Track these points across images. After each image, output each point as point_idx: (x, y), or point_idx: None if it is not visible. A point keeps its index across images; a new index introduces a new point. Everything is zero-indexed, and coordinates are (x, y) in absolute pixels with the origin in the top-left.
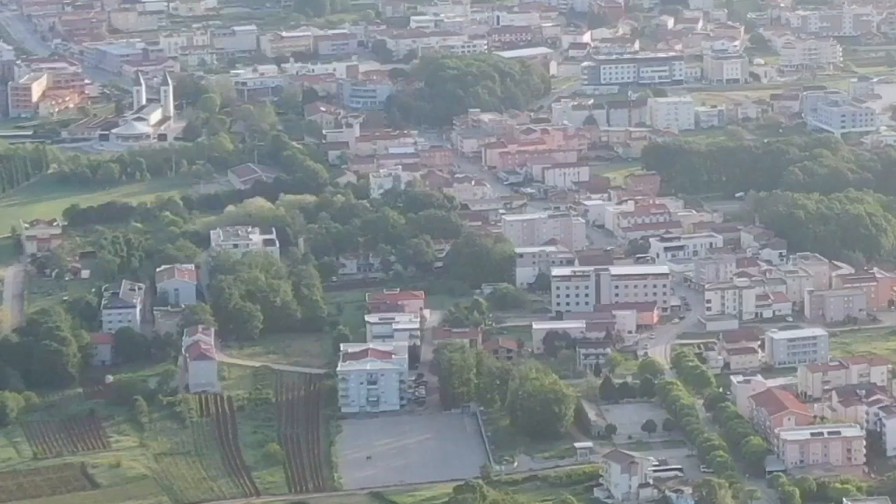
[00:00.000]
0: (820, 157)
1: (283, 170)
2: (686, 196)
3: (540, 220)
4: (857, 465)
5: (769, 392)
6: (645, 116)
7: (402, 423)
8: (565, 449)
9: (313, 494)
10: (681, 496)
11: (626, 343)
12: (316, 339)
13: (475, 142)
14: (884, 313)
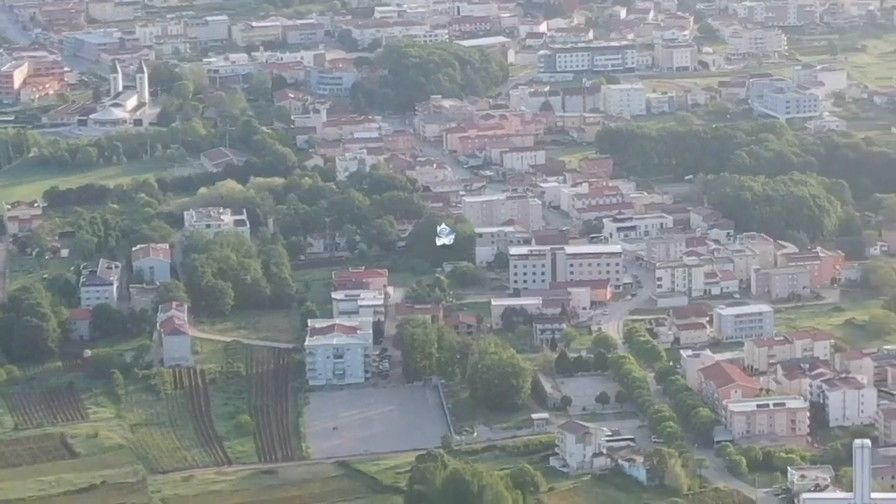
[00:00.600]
0: (765, 141)
1: (254, 153)
2: (638, 179)
3: (498, 201)
4: (801, 435)
5: (717, 366)
6: (598, 103)
7: (367, 395)
8: (522, 420)
9: (282, 463)
10: (633, 465)
11: (581, 319)
12: (284, 315)
13: (436, 127)
14: (826, 290)
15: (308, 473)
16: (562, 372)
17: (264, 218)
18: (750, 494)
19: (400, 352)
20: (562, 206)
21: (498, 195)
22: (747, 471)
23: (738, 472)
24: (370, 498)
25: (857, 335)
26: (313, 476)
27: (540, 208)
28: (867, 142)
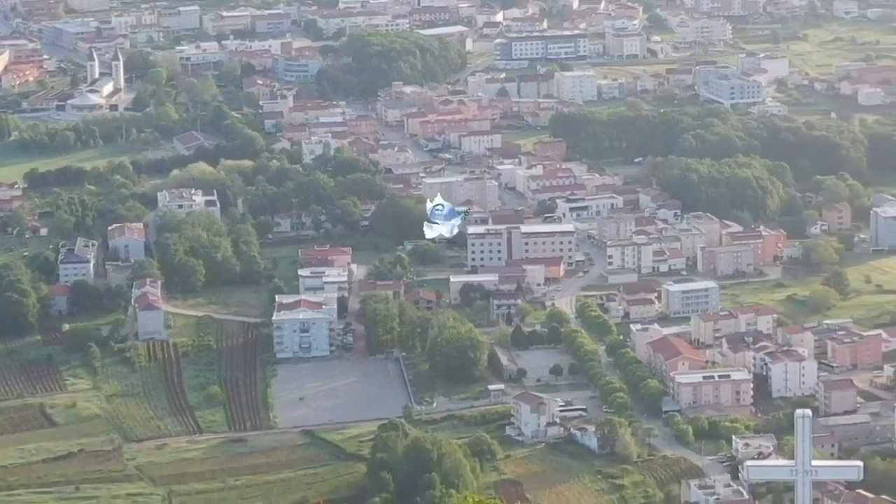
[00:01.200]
0: (711, 125)
1: (224, 137)
2: (589, 161)
3: (457, 182)
4: (744, 405)
5: (665, 339)
6: (552, 89)
7: (332, 367)
8: (480, 391)
9: (251, 432)
10: (585, 434)
11: (535, 294)
12: (253, 291)
13: (398, 112)
14: (769, 267)
15: (275, 442)
16: (517, 345)
17: (234, 198)
18: (696, 462)
19: (363, 326)
20: (517, 187)
21: (456, 177)
22: (694, 439)
23: (684, 440)
24: (335, 465)
25: (798, 310)
26: (280, 444)
27: (496, 189)
28: (808, 126)
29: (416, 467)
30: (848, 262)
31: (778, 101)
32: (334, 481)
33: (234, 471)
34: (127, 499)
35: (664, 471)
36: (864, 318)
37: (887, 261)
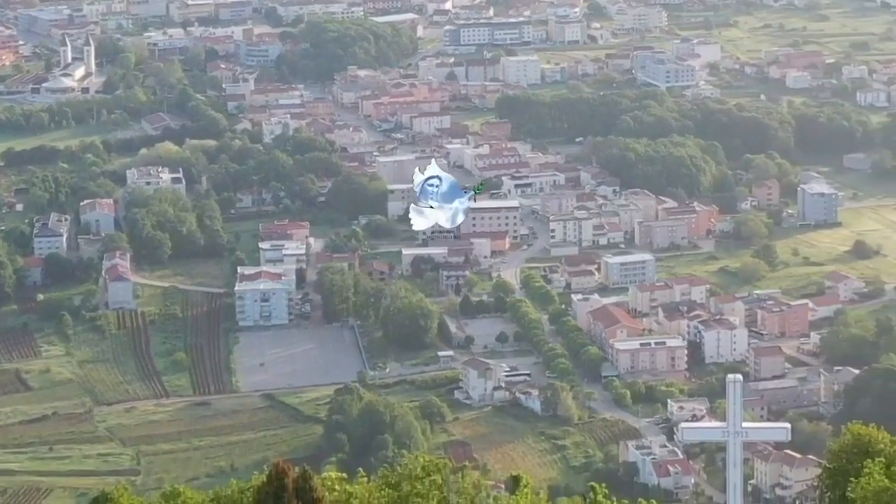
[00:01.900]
0: (648, 107)
1: (189, 118)
2: (533, 141)
3: (408, 161)
4: (679, 370)
5: (604, 308)
6: (498, 73)
7: (290, 335)
8: (430, 357)
9: (214, 396)
10: (529, 397)
11: (482, 266)
12: (216, 263)
13: (353, 94)
14: (702, 241)
15: (238, 405)
16: (465, 314)
17: (198, 176)
18: (634, 424)
19: (320, 296)
20: (465, 165)
21: (408, 155)
22: (631, 402)
23: (623, 403)
24: (293, 427)
25: (729, 281)
26: (242, 407)
27: (445, 167)
28: (738, 108)
29: (369, 429)
30: (776, 236)
31: (711, 85)
32: (293, 442)
33: (199, 432)
34: (98, 458)
35: (603, 432)
36: (791, 288)
37: (814, 235)
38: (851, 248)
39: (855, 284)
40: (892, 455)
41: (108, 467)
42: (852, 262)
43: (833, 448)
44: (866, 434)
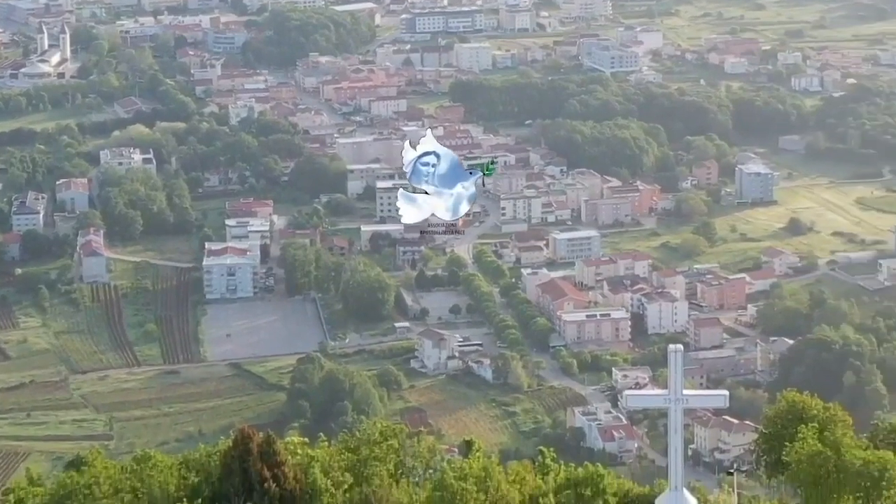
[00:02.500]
0: (594, 91)
1: (159, 102)
2: (485, 123)
3: (367, 142)
4: (623, 341)
5: (552, 282)
6: (452, 59)
7: (255, 307)
8: (387, 328)
9: (183, 365)
10: (481, 366)
11: (437, 242)
12: (185, 239)
13: (314, 79)
14: (645, 218)
15: (205, 373)
16: (420, 287)
17: (168, 157)
18: (580, 391)
19: (283, 270)
20: None
21: (366, 137)
22: (578, 371)
23: (570, 372)
24: (258, 394)
25: (671, 256)
26: (210, 376)
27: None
28: (679, 92)
29: (330, 396)
30: (715, 214)
31: (653, 70)
32: (258, 408)
33: (169, 399)
34: (73, 424)
35: (552, 399)
36: (729, 263)
37: (750, 212)
38: (786, 225)
39: (790, 259)
40: (824, 421)
41: (82, 432)
42: (787, 239)
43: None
44: (800, 401)
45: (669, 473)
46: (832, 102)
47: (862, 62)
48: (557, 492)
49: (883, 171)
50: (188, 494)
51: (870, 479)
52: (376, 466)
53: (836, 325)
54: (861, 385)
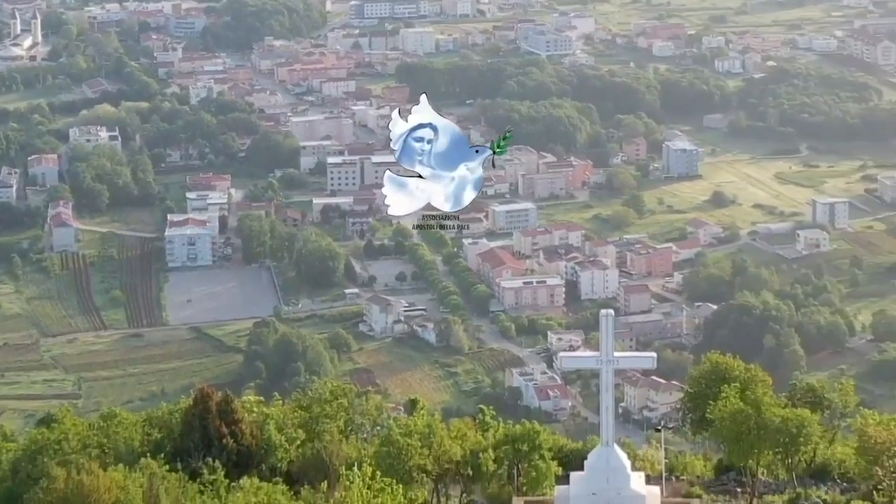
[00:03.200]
0: (530, 73)
1: (124, 83)
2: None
3: (318, 121)
4: (558, 306)
5: (492, 251)
6: (398, 43)
7: (214, 274)
8: (337, 294)
9: (147, 328)
10: (425, 330)
11: (384, 214)
12: (149, 211)
13: (269, 62)
14: (578, 191)
15: (167, 336)
16: (368, 256)
17: (132, 134)
18: (518, 353)
19: (240, 240)
20: (368, 124)
21: (318, 116)
22: (515, 334)
23: (508, 335)
24: (217, 356)
25: (602, 227)
26: (171, 339)
27: (351, 126)
28: (610, 74)
29: (284, 358)
30: (644, 187)
31: (586, 53)
32: (216, 369)
33: (133, 361)
34: (44, 384)
35: (491, 360)
36: (657, 233)
37: (677, 186)
38: (710, 198)
39: (713, 230)
40: (745, 381)
41: (52, 392)
42: (711, 211)
43: (694, 375)
44: (723, 362)
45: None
46: (753, 83)
47: (781, 46)
48: (496, 447)
49: (800, 148)
50: (151, 449)
51: (788, 435)
52: (327, 423)
53: (756, 291)
54: (780, 347)
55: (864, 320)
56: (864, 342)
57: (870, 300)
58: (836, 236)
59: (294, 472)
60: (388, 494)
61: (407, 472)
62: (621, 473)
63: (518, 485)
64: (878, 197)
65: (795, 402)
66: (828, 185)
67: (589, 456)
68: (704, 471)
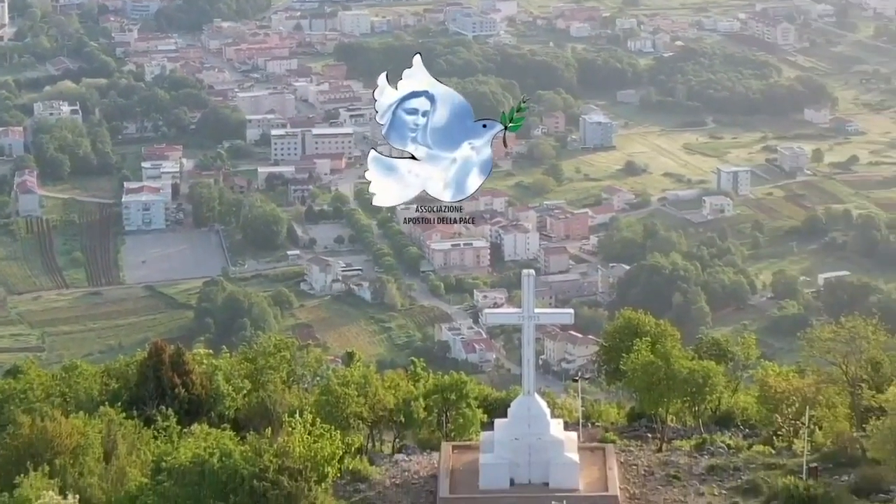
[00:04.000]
0: (458, 52)
1: (84, 61)
2: (364, 79)
3: (263, 96)
4: (483, 266)
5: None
6: (336, 24)
7: (167, 237)
8: (280, 255)
9: (105, 287)
10: (361, 288)
11: (323, 182)
12: (107, 179)
13: (218, 42)
14: (502, 161)
15: (124, 294)
16: (309, 220)
17: (92, 108)
18: (446, 310)
19: (191, 205)
20: (309, 99)
21: (263, 91)
22: (444, 293)
23: (437, 293)
24: (169, 312)
25: (524, 193)
26: (128, 297)
27: (293, 101)
28: (532, 53)
29: (231, 314)
30: (562, 157)
31: (509, 34)
32: (169, 325)
33: (93, 317)
34: (10, 338)
35: (422, 316)
36: (574, 199)
37: (593, 156)
38: (623, 167)
39: (626, 197)
40: (656, 335)
41: (18, 345)
42: (624, 179)
43: (608, 329)
44: (635, 318)
45: (523, 380)
46: (663, 62)
47: (688, 27)
48: (426, 396)
49: (706, 121)
50: (109, 398)
51: (695, 385)
52: (271, 374)
53: (665, 253)
54: (687, 304)
55: (764, 280)
56: (765, 300)
57: (770, 261)
58: (739, 202)
59: (240, 419)
60: (327, 439)
61: (344, 419)
62: (541, 420)
63: (446, 431)
64: (777, 166)
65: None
66: (731, 156)
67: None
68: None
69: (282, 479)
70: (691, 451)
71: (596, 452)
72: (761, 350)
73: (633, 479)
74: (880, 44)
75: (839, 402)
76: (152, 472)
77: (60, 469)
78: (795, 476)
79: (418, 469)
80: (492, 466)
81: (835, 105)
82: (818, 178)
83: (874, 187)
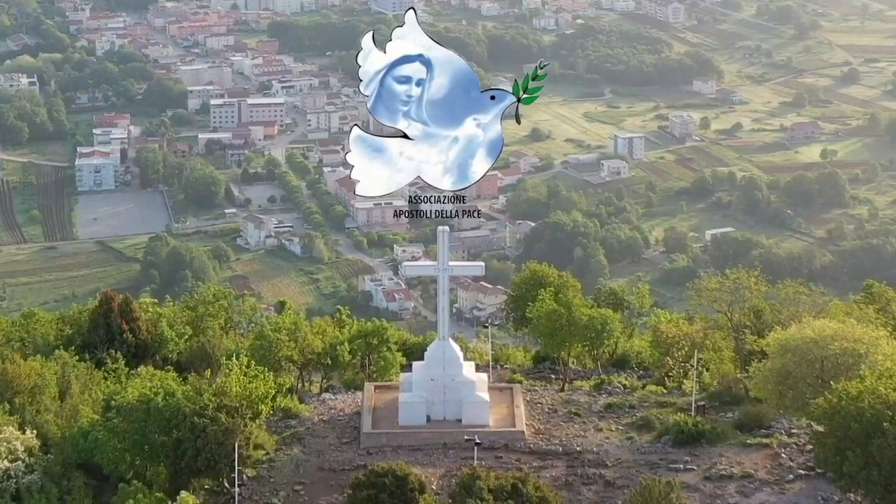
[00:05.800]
0: (379, 29)
1: (42, 38)
2: (295, 54)
3: (203, 69)
4: (402, 223)
5: (347, 178)
6: (269, 3)
7: (116, 197)
8: (219, 213)
9: (60, 242)
10: (292, 243)
11: (258, 147)
12: (62, 145)
13: (162, 20)
14: None
15: (78, 249)
16: (245, 182)
17: (48, 80)
18: (369, 263)
19: (138, 168)
20: (245, 72)
21: (203, 65)
22: (367, 247)
23: (361, 248)
24: (118, 265)
25: None
26: (81, 251)
27: (230, 74)
28: (446, 30)
29: (174, 267)
30: None
31: (425, 13)
32: (118, 276)
33: (49, 269)
34: None
35: (347, 269)
36: None
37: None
38: (529, 134)
39: (532, 160)
40: (558, 286)
41: None
42: (530, 144)
43: (515, 280)
44: (540, 270)
45: (438, 326)
46: (565, 38)
47: (588, 6)
48: (351, 341)
49: (604, 92)
50: (64, 343)
51: (594, 331)
52: (210, 321)
53: (567, 211)
54: (587, 258)
55: (657, 235)
56: (657, 253)
57: (662, 219)
58: (634, 165)
59: (182, 361)
60: (261, 380)
61: (277, 361)
62: (455, 363)
63: (369, 372)
64: (668, 133)
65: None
66: (627, 123)
67: (428, 348)
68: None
69: (220, 416)
70: (591, 390)
71: (504, 392)
72: (654, 299)
73: (539, 416)
74: (762, 21)
75: (724, 347)
76: (103, 410)
77: (20, 407)
78: (685, 413)
79: (343, 407)
80: (410, 404)
81: (720, 77)
82: (705, 144)
83: (756, 152)
